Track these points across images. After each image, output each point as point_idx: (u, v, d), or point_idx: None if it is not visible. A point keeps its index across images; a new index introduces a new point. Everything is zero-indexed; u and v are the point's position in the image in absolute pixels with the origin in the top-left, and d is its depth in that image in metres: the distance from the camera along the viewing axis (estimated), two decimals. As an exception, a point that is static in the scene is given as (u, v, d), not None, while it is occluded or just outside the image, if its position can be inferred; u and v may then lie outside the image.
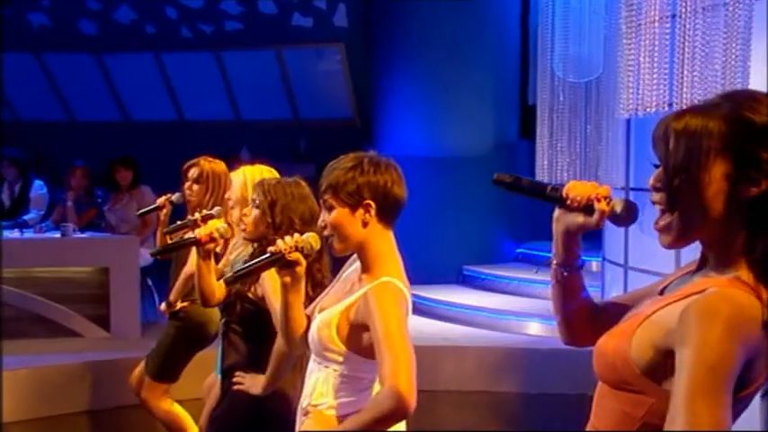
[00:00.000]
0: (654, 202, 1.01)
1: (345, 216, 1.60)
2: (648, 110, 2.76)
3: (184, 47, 7.23)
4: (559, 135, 4.10)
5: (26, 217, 5.21)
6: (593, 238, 4.97)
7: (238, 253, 2.39)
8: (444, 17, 5.77)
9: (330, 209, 1.62)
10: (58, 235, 4.65)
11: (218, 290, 2.30)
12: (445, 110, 5.83)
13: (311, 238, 1.63)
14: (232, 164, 2.92)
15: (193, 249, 2.33)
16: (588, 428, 1.09)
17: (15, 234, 4.68)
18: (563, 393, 4.06)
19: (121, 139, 6.88)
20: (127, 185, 5.26)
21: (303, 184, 2.19)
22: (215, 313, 2.63)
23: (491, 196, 5.97)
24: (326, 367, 1.61)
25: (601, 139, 3.82)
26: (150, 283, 5.04)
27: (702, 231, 0.98)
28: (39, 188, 5.46)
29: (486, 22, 5.84)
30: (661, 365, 0.96)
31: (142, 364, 3.11)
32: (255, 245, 2.21)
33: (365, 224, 1.61)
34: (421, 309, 5.24)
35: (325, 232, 1.64)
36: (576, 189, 1.09)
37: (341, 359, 1.58)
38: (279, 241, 1.62)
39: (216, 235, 2.19)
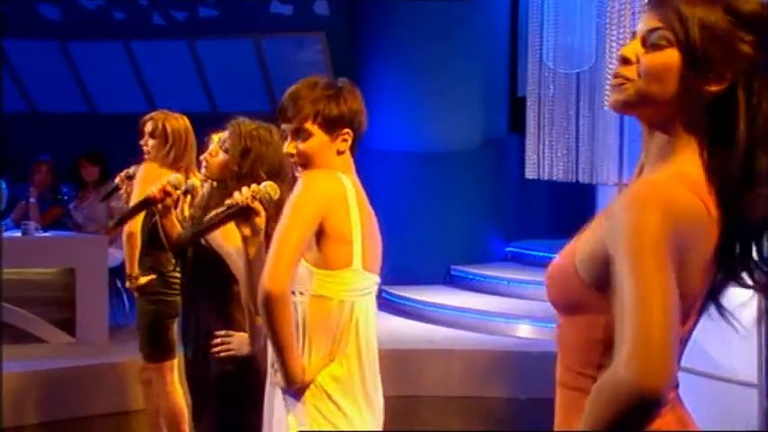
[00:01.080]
0: (618, 75, 1.00)
1: (324, 145, 1.62)
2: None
3: (156, 35, 7.16)
4: (550, 128, 4.11)
5: (-16, 215, 5.14)
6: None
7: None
8: (430, 5, 5.77)
9: (308, 136, 1.61)
10: (18, 234, 4.59)
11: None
12: (431, 102, 5.83)
13: (269, 188, 1.65)
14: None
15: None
16: (557, 373, 1.08)
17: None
18: (554, 398, 4.08)
19: (88, 132, 6.79)
20: (94, 182, 5.21)
21: (277, 131, 2.16)
22: None
23: (479, 193, 6.00)
24: (294, 294, 1.59)
25: (593, 133, 3.84)
26: (119, 284, 4.98)
27: (656, 108, 0.98)
28: (-2, 184, 5.39)
29: (473, 10, 5.85)
30: (605, 275, 0.94)
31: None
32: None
33: (340, 153, 1.64)
34: (406, 310, 5.24)
35: (293, 160, 1.65)
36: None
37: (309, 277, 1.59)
38: (236, 194, 1.63)
39: (168, 188, 2.19)
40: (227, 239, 2.00)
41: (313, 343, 1.60)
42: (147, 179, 2.85)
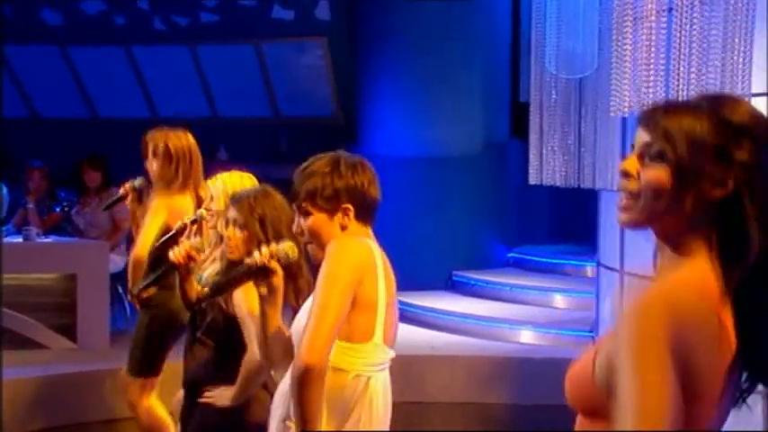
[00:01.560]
0: (622, 189, 1.03)
1: (324, 221, 1.64)
2: (645, 106, 2.78)
3: (157, 40, 7.19)
4: (552, 134, 4.12)
5: (-15, 221, 5.15)
6: (587, 241, 5.00)
7: (213, 269, 2.39)
8: (432, 10, 5.79)
9: (307, 215, 1.65)
10: (20, 239, 4.60)
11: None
12: (432, 107, 5.84)
13: (287, 248, 1.64)
14: (209, 164, 2.91)
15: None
16: None
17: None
18: (557, 405, 4.06)
19: (89, 137, 6.82)
20: (96, 187, 5.22)
21: (274, 190, 2.19)
22: None
23: (481, 198, 6.01)
24: None
25: (595, 138, 3.85)
26: (120, 290, 4.99)
27: (663, 222, 1.01)
28: (-2, 190, 5.40)
29: (475, 15, 5.87)
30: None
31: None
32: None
33: (343, 228, 1.65)
34: (408, 316, 5.24)
35: (303, 239, 1.68)
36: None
37: None
38: (255, 253, 1.64)
39: (193, 253, 2.21)
40: (246, 303, 2.00)
41: (324, 416, 1.60)
42: (157, 213, 2.86)
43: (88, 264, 4.53)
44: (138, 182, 3.03)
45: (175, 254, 2.20)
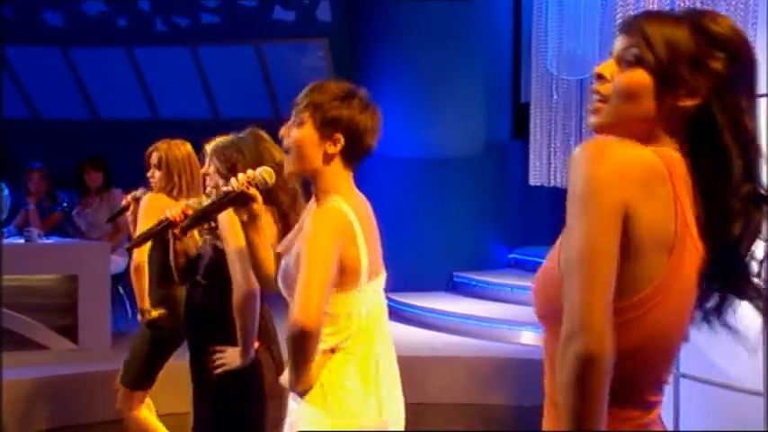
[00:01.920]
0: (594, 91, 1.05)
1: (312, 138, 1.63)
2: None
3: (158, 41, 7.19)
4: (553, 135, 4.12)
5: (-14, 222, 5.15)
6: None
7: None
8: (433, 11, 5.79)
9: (300, 124, 1.64)
10: (21, 241, 4.60)
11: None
12: (433, 108, 5.84)
13: (264, 173, 1.66)
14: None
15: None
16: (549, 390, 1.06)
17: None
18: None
19: (90, 138, 6.82)
20: (97, 188, 5.22)
21: (260, 134, 2.24)
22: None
23: (482, 199, 6.00)
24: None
25: (597, 140, 3.84)
26: (122, 291, 4.99)
27: (633, 127, 1.02)
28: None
29: (476, 15, 5.87)
30: None
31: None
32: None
33: (327, 156, 1.63)
34: (409, 317, 5.24)
35: (284, 144, 1.67)
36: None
37: None
38: (232, 180, 1.65)
39: (189, 211, 2.22)
40: (231, 236, 2.03)
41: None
42: (150, 211, 2.86)
43: (89, 265, 4.52)
44: (139, 192, 3.07)
45: (172, 211, 2.22)
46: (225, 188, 1.66)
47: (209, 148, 2.34)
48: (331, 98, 1.62)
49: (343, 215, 1.61)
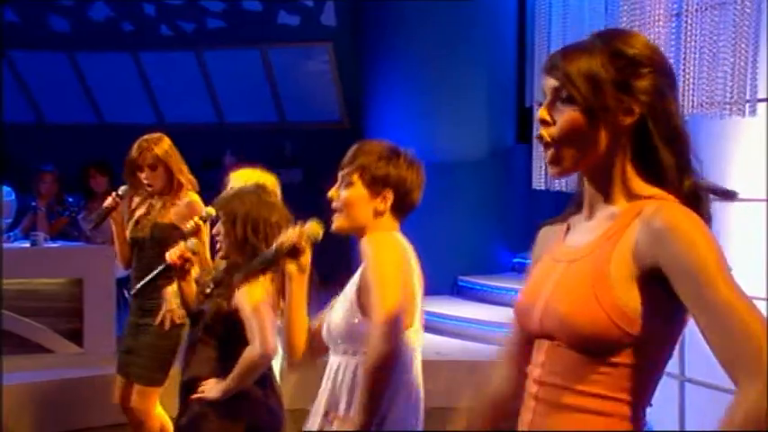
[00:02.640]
0: (541, 136, 1.11)
1: (362, 198, 1.68)
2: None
3: (164, 46, 7.21)
4: (558, 139, 4.09)
5: (-7, 225, 5.16)
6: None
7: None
8: (437, 15, 5.79)
9: (349, 185, 1.69)
10: (27, 244, 4.60)
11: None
12: (438, 112, 5.83)
13: (315, 227, 1.67)
14: (215, 170, 2.90)
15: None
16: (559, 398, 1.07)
17: (-19, 244, 4.63)
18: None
19: (95, 142, 6.83)
20: (102, 192, 5.21)
21: (256, 188, 2.23)
22: None
23: (486, 203, 5.99)
24: (355, 354, 1.64)
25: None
26: (127, 295, 4.99)
27: (588, 162, 1.09)
28: (6, 194, 5.40)
29: (481, 19, 5.86)
30: (650, 299, 1.02)
31: (119, 378, 3.08)
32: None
33: (377, 214, 1.69)
34: (413, 322, 5.22)
35: (334, 205, 1.71)
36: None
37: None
38: (284, 234, 1.65)
39: (188, 255, 2.21)
40: (250, 296, 2.02)
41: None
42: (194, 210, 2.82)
43: (94, 269, 4.53)
44: (122, 190, 2.99)
45: (170, 254, 2.22)
46: (278, 242, 1.64)
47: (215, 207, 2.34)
48: (378, 158, 1.68)
49: (401, 242, 1.67)
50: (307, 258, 1.65)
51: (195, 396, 2.15)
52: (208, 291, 2.19)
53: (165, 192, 2.97)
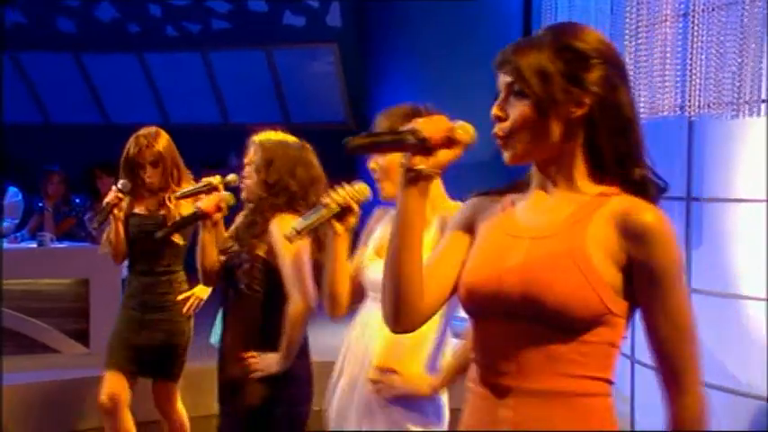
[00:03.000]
0: (496, 131, 1.14)
1: (398, 162, 1.70)
2: (659, 113, 2.76)
3: (169, 46, 7.23)
4: (564, 140, 4.09)
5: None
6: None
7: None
8: (443, 16, 5.79)
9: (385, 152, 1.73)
10: (34, 245, 4.62)
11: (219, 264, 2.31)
12: (443, 113, 5.82)
13: (364, 189, 1.68)
14: (219, 170, 2.89)
15: None
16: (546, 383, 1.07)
17: (-11, 244, 4.64)
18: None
19: (101, 143, 6.84)
20: (108, 193, 5.23)
21: (309, 148, 2.24)
22: None
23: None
24: None
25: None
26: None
27: (541, 151, 1.12)
28: (13, 195, 5.42)
29: (486, 20, 5.86)
30: (624, 281, 1.07)
31: (121, 379, 2.95)
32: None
33: None
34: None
35: (376, 175, 1.75)
36: (430, 127, 1.16)
37: None
38: (332, 194, 1.65)
39: (223, 205, 2.21)
40: (290, 249, 2.02)
41: None
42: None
43: (101, 269, 4.52)
44: (121, 184, 2.90)
45: (205, 203, 2.21)
46: (328, 200, 1.65)
47: (253, 144, 2.35)
48: (402, 118, 1.68)
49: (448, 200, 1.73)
50: (355, 218, 1.66)
51: (256, 375, 2.11)
52: (234, 238, 2.14)
53: (164, 187, 2.90)
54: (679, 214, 3.26)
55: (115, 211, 2.91)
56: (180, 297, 2.89)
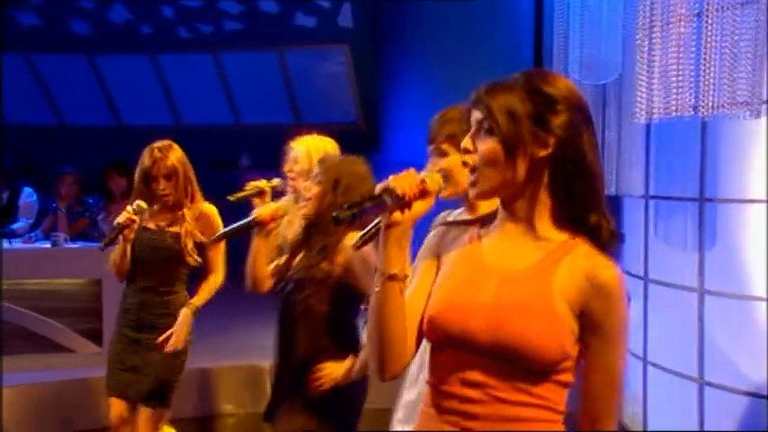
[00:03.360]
0: (464, 163, 1.20)
1: (459, 163, 1.72)
2: (672, 114, 2.74)
3: (181, 48, 7.26)
4: (576, 140, 4.05)
5: (15, 226, 5.22)
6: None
7: (293, 230, 2.40)
8: (454, 17, 5.78)
9: (443, 155, 1.76)
10: (48, 245, 4.65)
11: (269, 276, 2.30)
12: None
13: (437, 176, 1.61)
14: (230, 171, 2.87)
15: None
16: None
17: (4, 244, 4.68)
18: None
19: (114, 144, 6.90)
20: (121, 194, 5.26)
21: (363, 162, 2.26)
22: None
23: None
24: None
25: (620, 144, 3.80)
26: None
27: (506, 189, 1.18)
28: (28, 195, 5.47)
29: (497, 20, 5.84)
30: (579, 329, 1.14)
31: (121, 403, 2.80)
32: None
33: None
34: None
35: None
36: (403, 183, 1.18)
37: None
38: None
39: (279, 213, 2.22)
40: (368, 267, 2.01)
41: None
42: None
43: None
44: (136, 206, 2.71)
45: (261, 212, 2.20)
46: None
47: (299, 149, 2.35)
48: (459, 123, 1.70)
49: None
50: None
51: (325, 385, 2.11)
52: (288, 255, 2.15)
53: (178, 203, 2.76)
54: (692, 215, 3.23)
55: (125, 232, 2.71)
56: (161, 338, 2.73)
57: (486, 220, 1.24)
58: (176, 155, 2.77)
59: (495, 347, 1.11)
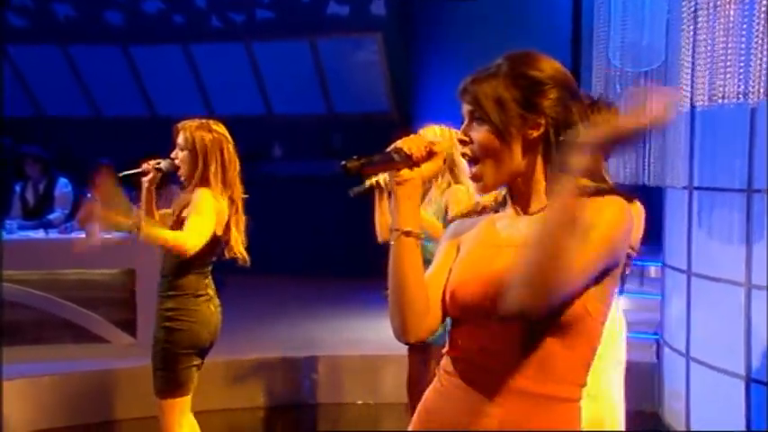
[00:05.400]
0: (463, 153, 1.22)
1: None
2: (719, 101, 2.65)
3: (214, 37, 7.31)
4: (616, 129, 3.97)
5: (51, 216, 5.32)
6: (651, 241, 4.83)
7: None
8: (489, 4, 5.70)
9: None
10: (83, 235, 4.73)
11: None
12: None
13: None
14: (263, 161, 2.86)
15: None
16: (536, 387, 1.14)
17: (40, 234, 4.77)
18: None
19: (148, 135, 6.98)
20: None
21: None
22: None
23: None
24: None
25: (662, 134, 3.71)
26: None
27: (511, 176, 1.20)
28: (63, 186, 5.56)
29: (534, 7, 5.75)
30: (599, 286, 1.14)
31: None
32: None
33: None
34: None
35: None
36: (411, 144, 1.22)
37: None
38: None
39: (434, 148, 2.05)
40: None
41: None
42: (206, 207, 2.59)
43: (146, 259, 4.60)
44: (164, 164, 2.75)
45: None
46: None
47: (432, 133, 2.53)
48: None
49: None
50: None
51: None
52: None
53: (188, 181, 2.69)
54: (739, 207, 3.14)
55: (143, 181, 2.77)
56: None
57: (497, 207, 1.28)
58: (204, 133, 2.68)
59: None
